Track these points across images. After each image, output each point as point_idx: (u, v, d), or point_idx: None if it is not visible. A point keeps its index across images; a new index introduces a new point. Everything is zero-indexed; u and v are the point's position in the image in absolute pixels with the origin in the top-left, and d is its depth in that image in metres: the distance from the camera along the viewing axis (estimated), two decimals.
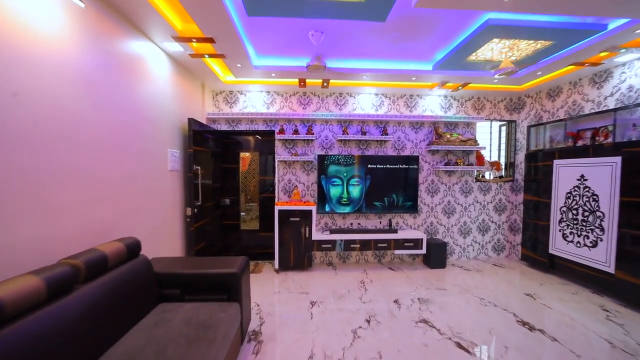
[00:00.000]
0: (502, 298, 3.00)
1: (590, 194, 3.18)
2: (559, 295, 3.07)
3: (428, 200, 4.26)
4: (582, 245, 3.26)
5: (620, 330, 2.39)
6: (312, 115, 3.91)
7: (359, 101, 4.16)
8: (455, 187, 4.29)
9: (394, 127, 4.18)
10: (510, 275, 3.67)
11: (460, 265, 4.04)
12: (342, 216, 4.14)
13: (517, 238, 4.34)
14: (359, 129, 4.12)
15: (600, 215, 3.08)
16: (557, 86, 3.83)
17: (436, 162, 4.24)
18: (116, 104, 2.06)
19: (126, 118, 2.19)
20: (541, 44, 2.67)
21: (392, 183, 4.01)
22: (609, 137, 3.09)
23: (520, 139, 4.33)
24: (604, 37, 2.50)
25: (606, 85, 3.24)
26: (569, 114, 3.66)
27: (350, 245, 3.76)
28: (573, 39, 2.58)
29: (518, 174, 4.34)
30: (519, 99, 4.32)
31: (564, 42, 2.63)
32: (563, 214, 3.50)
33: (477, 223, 4.37)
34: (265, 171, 4.22)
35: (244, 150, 4.21)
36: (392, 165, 3.99)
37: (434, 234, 4.30)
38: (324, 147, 4.09)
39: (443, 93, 4.15)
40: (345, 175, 3.93)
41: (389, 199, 4.01)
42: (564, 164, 3.48)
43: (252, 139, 4.21)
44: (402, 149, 4.19)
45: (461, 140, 4.05)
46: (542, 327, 2.43)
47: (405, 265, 4.04)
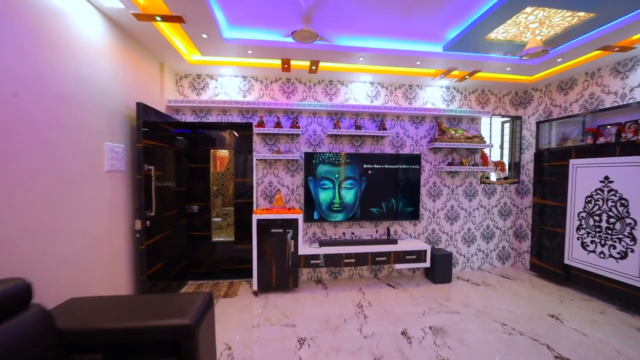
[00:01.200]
0: (526, 322, 2.53)
1: (618, 198, 2.79)
2: (587, 316, 2.64)
3: (430, 205, 3.76)
4: (607, 256, 2.87)
5: None
6: (297, 106, 3.28)
7: (352, 90, 3.59)
8: (459, 189, 3.82)
9: (391, 121, 3.64)
10: (523, 290, 3.23)
11: (467, 279, 3.57)
12: (333, 225, 3.54)
13: (523, 245, 3.95)
14: (353, 122, 3.54)
15: (630, 222, 2.69)
16: (570, 78, 3.45)
17: (438, 161, 3.75)
18: (14, 76, 1.33)
19: (31, 99, 1.45)
20: (578, 18, 2.22)
21: (390, 186, 3.46)
22: (639, 133, 2.71)
23: (526, 137, 3.94)
24: None
25: (632, 75, 2.87)
26: (585, 108, 3.28)
27: (344, 260, 3.17)
28: (621, 9, 2.13)
29: (524, 175, 3.95)
30: (525, 93, 3.93)
31: (608, 15, 2.19)
32: (582, 220, 3.11)
33: (482, 229, 3.93)
34: (241, 172, 3.53)
35: (216, 147, 3.50)
36: (390, 165, 3.45)
37: (436, 243, 3.80)
38: (312, 143, 3.47)
39: (446, 84, 3.67)
40: (336, 177, 3.33)
41: (387, 204, 3.46)
42: (583, 164, 3.09)
43: (226, 134, 3.50)
44: (401, 147, 3.66)
45: (466, 137, 3.59)
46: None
47: (405, 280, 3.51)
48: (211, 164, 3.49)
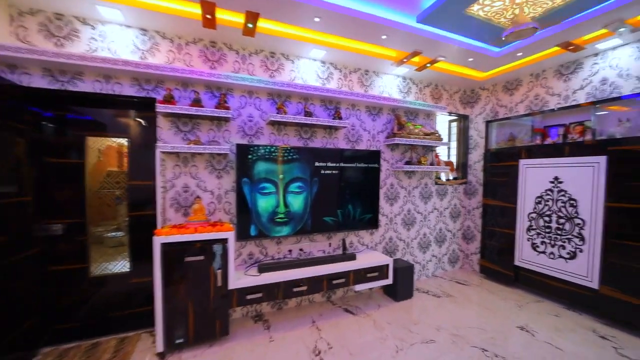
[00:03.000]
0: (503, 342, 2.23)
1: (567, 198, 2.78)
2: (548, 323, 2.52)
3: (387, 209, 3.30)
4: (557, 257, 2.85)
5: None
6: (226, 79, 2.34)
7: (300, 68, 2.83)
8: (415, 191, 3.48)
9: (347, 111, 3.02)
10: (481, 298, 3.04)
11: (426, 290, 3.23)
12: (276, 241, 2.71)
13: (471, 247, 3.88)
14: (301, 108, 2.78)
15: (579, 222, 2.69)
16: (515, 78, 3.45)
17: (396, 160, 3.32)
18: None
19: None
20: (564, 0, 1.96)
21: (347, 189, 2.84)
22: (586, 134, 2.74)
23: (474, 136, 3.87)
24: None
25: (574, 77, 2.92)
26: (531, 108, 3.30)
27: (293, 290, 2.39)
28: None
29: (472, 175, 3.88)
30: (473, 92, 3.86)
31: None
32: (532, 220, 3.07)
33: (435, 233, 3.69)
34: (140, 171, 2.38)
35: (95, 133, 2.26)
36: (347, 163, 2.82)
37: (393, 252, 3.37)
38: (247, 132, 2.58)
39: (404, 72, 3.26)
40: (282, 179, 2.52)
41: (343, 211, 2.83)
42: (533, 165, 3.05)
43: (113, 111, 2.29)
44: (357, 142, 3.08)
45: (425, 133, 3.24)
46: None
47: (363, 301, 2.94)
48: (87, 159, 2.24)
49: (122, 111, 2.31)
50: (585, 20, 2.24)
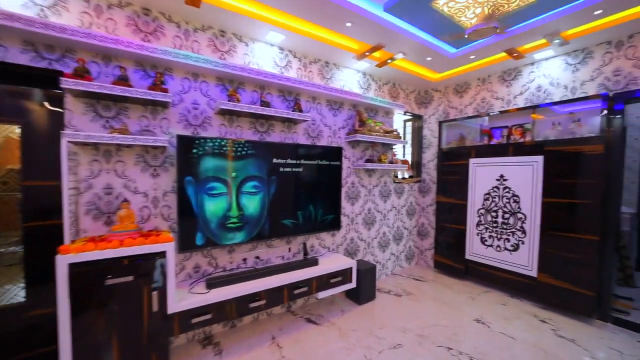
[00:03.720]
0: (464, 338, 2.26)
1: (511, 194, 2.99)
2: (498, 312, 2.67)
3: (348, 209, 3.17)
4: (503, 249, 3.06)
5: (572, 346, 2.04)
6: (163, 54, 1.90)
7: (255, 53, 2.50)
8: (375, 190, 3.42)
9: (307, 103, 2.80)
10: (439, 293, 3.11)
11: (387, 290, 3.19)
12: (228, 250, 2.35)
13: (425, 243, 4.00)
14: (257, 97, 2.46)
15: (521, 217, 2.91)
16: (465, 82, 3.64)
17: (357, 157, 3.21)
18: None
19: None
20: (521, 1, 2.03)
21: (308, 188, 2.62)
22: (525, 135, 2.99)
23: (427, 136, 4.00)
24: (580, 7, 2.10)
25: (515, 83, 3.17)
26: (478, 111, 3.51)
27: (249, 306, 2.07)
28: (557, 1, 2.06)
29: (425, 174, 4.00)
30: (427, 93, 3.98)
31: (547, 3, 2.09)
32: (481, 216, 3.26)
33: (394, 231, 3.70)
34: (38, 168, 1.79)
35: None
36: (308, 160, 2.60)
37: (354, 253, 3.26)
38: (191, 122, 2.17)
39: (364, 68, 3.16)
40: (234, 177, 2.18)
41: (304, 212, 2.59)
42: (482, 163, 3.24)
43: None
44: (318, 137, 2.88)
45: (385, 130, 3.20)
46: None
47: (326, 308, 2.75)
48: None
49: (11, 87, 1.71)
50: (530, 29, 2.39)
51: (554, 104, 2.79)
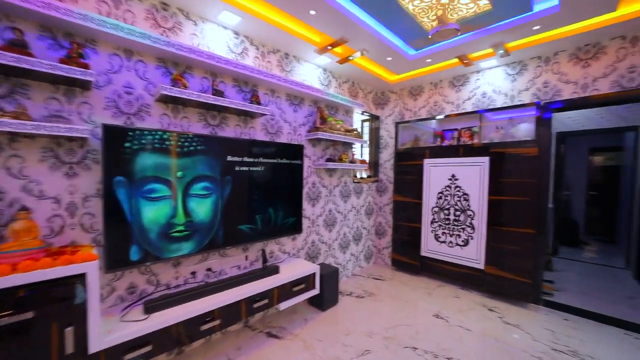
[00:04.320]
0: (426, 335, 2.29)
1: (462, 193, 3.19)
2: (454, 305, 2.80)
3: (309, 210, 3.01)
4: (454, 245, 3.25)
5: (517, 330, 2.24)
6: (83, 21, 1.48)
7: (205, 34, 2.18)
8: (336, 190, 3.33)
9: (265, 96, 2.56)
10: (399, 291, 3.16)
11: (349, 292, 3.12)
12: (172, 263, 1.98)
13: (382, 242, 4.07)
14: (209, 84, 2.14)
15: (470, 214, 3.12)
16: (419, 85, 3.79)
17: (318, 156, 3.07)
18: None
19: None
20: (478, 8, 2.12)
21: (268, 189, 2.38)
22: (473, 138, 3.21)
23: (384, 137, 4.07)
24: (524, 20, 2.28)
25: (464, 89, 3.40)
26: (431, 113, 3.68)
27: (200, 329, 1.76)
28: (508, 11, 2.19)
29: (383, 173, 4.07)
30: (383, 94, 4.05)
31: (500, 12, 2.21)
32: (435, 214, 3.42)
33: (353, 232, 3.67)
34: None
35: None
36: (267, 158, 2.37)
37: (315, 257, 3.12)
38: (124, 110, 1.76)
39: (325, 64, 3.04)
40: (180, 178, 1.84)
41: (263, 216, 2.35)
42: (435, 164, 3.40)
43: None
44: (277, 134, 2.66)
45: (346, 129, 3.12)
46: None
47: (287, 318, 2.55)
48: None
49: None
50: (480, 37, 2.55)
51: (497, 110, 3.04)
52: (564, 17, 2.20)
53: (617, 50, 2.47)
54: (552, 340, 2.23)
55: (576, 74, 2.65)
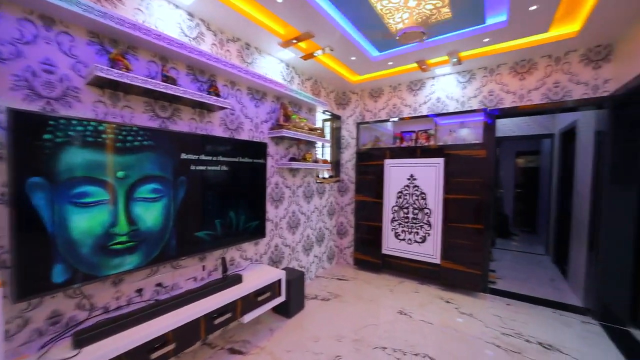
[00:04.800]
0: (393, 333, 2.32)
1: (420, 192, 3.34)
2: (415, 300, 2.92)
3: (272, 213, 2.84)
4: (413, 242, 3.39)
5: (471, 319, 2.43)
6: None
7: (152, 11, 1.87)
8: (299, 190, 3.21)
9: (225, 88, 2.32)
10: (363, 290, 3.18)
11: (314, 295, 3.03)
12: (112, 281, 1.64)
13: (344, 242, 4.08)
14: (158, 70, 1.84)
15: (427, 212, 3.29)
16: (379, 87, 3.89)
17: (281, 155, 2.92)
18: None
19: None
20: (439, 16, 2.21)
21: (229, 190, 2.16)
22: (429, 140, 3.39)
23: (345, 137, 4.08)
24: (477, 32, 2.45)
25: (420, 93, 3.58)
26: (390, 115, 3.80)
27: (150, 358, 1.48)
28: (465, 22, 2.32)
29: (344, 174, 4.08)
30: (344, 94, 4.06)
31: (458, 21, 2.33)
32: (395, 213, 3.53)
33: (316, 233, 3.59)
34: None
35: None
36: (228, 157, 2.14)
37: (279, 261, 2.95)
38: (41, 92, 1.39)
39: (288, 58, 2.90)
40: (122, 178, 1.53)
41: (224, 220, 2.12)
42: (395, 164, 3.51)
43: None
44: (238, 130, 2.44)
45: (310, 128, 3.03)
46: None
47: (250, 330, 2.35)
48: None
49: None
50: (439, 45, 2.69)
51: (449, 114, 3.27)
52: (510, 32, 2.44)
53: (545, 67, 2.84)
54: (500, 325, 2.45)
55: (515, 85, 2.98)
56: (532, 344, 2.19)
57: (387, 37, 2.44)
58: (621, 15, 2.14)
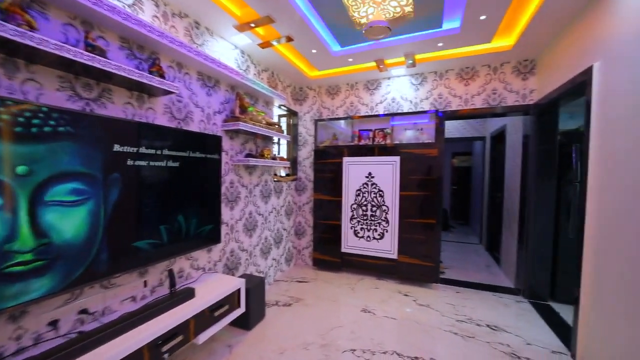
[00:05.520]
0: (359, 332, 2.28)
1: (377, 190, 3.40)
2: (376, 297, 2.95)
3: (227, 215, 2.55)
4: (372, 239, 3.44)
5: (429, 310, 2.56)
6: None
7: None
8: (256, 190, 2.97)
9: (170, 70, 1.97)
10: (324, 291, 3.09)
11: (275, 301, 2.83)
12: (11, 316, 1.21)
13: (302, 242, 3.95)
14: (80, 37, 1.43)
15: (385, 209, 3.37)
16: (336, 84, 3.85)
17: (236, 151, 2.64)
18: None
19: None
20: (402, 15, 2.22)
21: (177, 190, 1.84)
22: (386, 138, 3.48)
23: (302, 134, 3.95)
24: (433, 35, 2.55)
25: (377, 93, 3.65)
26: (348, 113, 3.79)
27: None
28: (424, 24, 2.39)
29: (302, 172, 3.95)
30: (301, 90, 3.92)
31: (418, 23, 2.37)
32: (354, 211, 3.53)
33: (274, 234, 3.38)
34: None
35: None
36: (175, 151, 1.82)
37: (235, 268, 2.67)
38: None
39: (245, 44, 2.64)
40: (23, 176, 1.14)
41: (170, 226, 1.79)
42: (354, 162, 3.52)
43: None
44: (186, 120, 2.11)
45: (268, 122, 2.81)
46: (426, 352, 1.98)
47: (205, 351, 2.05)
48: None
49: None
50: (398, 45, 2.75)
51: (404, 114, 3.40)
52: (461, 39, 2.61)
53: (485, 75, 3.14)
54: (454, 313, 2.61)
55: (460, 90, 3.24)
56: (482, 327, 2.38)
57: (359, 28, 2.38)
58: (543, 37, 2.47)
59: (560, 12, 2.10)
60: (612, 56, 1.74)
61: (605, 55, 1.81)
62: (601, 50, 1.85)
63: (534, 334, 2.28)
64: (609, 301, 1.69)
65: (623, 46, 1.65)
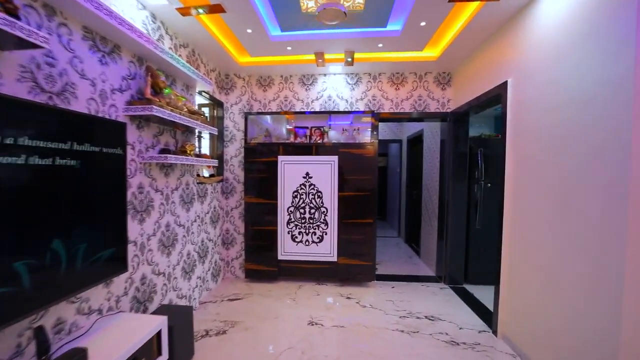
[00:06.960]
0: (310, 350, 2.05)
1: (316, 191, 3.24)
2: (319, 305, 2.77)
3: (135, 230, 1.89)
4: (311, 243, 3.25)
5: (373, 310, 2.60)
6: None
7: None
8: (174, 195, 2.35)
9: (33, 13, 1.26)
10: (262, 307, 2.72)
11: (205, 330, 2.29)
12: None
13: (231, 253, 3.44)
14: None
15: (324, 210, 3.24)
16: (268, 75, 3.49)
17: (146, 145, 2.00)
18: None
19: None
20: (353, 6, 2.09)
21: (52, 202, 1.18)
22: (324, 137, 3.34)
23: (230, 128, 3.42)
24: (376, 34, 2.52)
25: (312, 89, 3.47)
26: (282, 108, 3.49)
27: None
28: (370, 20, 2.30)
29: (229, 171, 3.42)
30: (228, 77, 3.40)
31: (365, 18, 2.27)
32: (291, 214, 3.27)
33: (198, 248, 2.79)
34: None
35: None
36: (47, 141, 1.16)
37: (149, 299, 2.02)
38: None
39: (156, 5, 2.02)
40: None
41: (37, 261, 1.14)
42: (290, 161, 3.25)
43: None
44: (64, 95, 1.41)
45: (190, 110, 2.25)
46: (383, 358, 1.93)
47: None
48: None
49: None
50: (339, 38, 2.63)
51: (340, 113, 3.34)
52: (400, 42, 2.69)
53: (412, 82, 3.39)
54: (395, 309, 2.69)
55: (392, 94, 3.39)
56: (422, 319, 2.51)
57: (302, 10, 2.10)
58: (463, 51, 2.78)
59: (481, 31, 2.37)
60: (523, 74, 2.04)
61: (517, 73, 2.11)
62: (514, 68, 2.15)
63: (462, 318, 2.54)
64: (521, 282, 1.97)
65: (531, 66, 1.95)
